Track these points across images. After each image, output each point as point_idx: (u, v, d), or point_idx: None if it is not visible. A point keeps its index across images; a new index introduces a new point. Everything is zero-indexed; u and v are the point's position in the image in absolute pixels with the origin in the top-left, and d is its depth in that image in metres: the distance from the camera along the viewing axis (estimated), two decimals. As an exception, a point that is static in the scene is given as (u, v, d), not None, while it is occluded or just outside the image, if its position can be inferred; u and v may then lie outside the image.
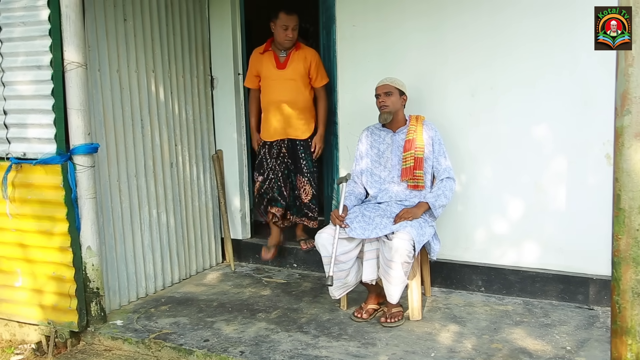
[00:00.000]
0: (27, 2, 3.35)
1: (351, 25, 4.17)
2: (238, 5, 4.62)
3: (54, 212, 3.43)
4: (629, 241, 2.35)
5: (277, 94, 4.22)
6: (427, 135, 3.59)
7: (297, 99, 4.19)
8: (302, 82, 4.19)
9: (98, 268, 3.48)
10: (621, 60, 2.30)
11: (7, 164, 3.49)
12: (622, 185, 2.34)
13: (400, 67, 3.98)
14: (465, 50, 3.82)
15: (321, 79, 4.22)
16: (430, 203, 3.47)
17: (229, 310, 3.79)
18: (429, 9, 3.88)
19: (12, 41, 3.42)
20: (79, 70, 3.30)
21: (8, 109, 3.48)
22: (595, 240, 3.57)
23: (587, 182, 3.60)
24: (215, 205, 4.75)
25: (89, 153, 3.38)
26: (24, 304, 3.66)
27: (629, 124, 2.30)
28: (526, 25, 3.63)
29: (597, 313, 3.54)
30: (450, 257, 4.01)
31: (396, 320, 3.44)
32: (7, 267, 3.67)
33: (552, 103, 3.63)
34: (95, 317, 3.52)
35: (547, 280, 3.73)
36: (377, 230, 3.34)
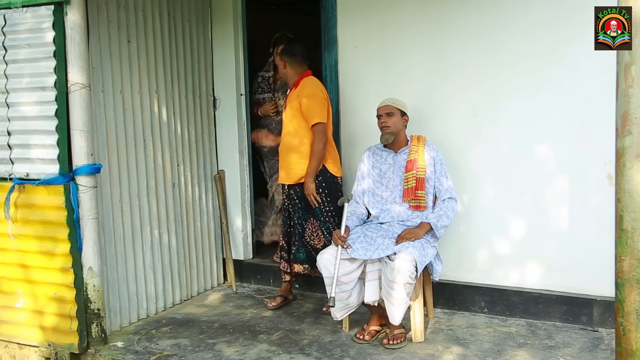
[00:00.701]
0: (33, 24, 3.38)
1: (353, 46, 4.20)
2: (240, 26, 4.67)
3: (56, 232, 3.43)
4: (632, 262, 2.34)
5: (282, 135, 4.08)
6: (428, 156, 3.60)
7: (292, 141, 3.96)
8: (295, 122, 3.93)
9: (99, 289, 3.47)
10: (621, 82, 2.31)
11: (10, 184, 3.50)
12: (624, 206, 2.34)
13: (401, 87, 4.00)
14: (466, 71, 3.84)
15: (310, 118, 3.85)
16: (432, 224, 3.47)
17: (230, 331, 3.77)
18: (429, 30, 3.92)
19: (17, 63, 3.44)
20: (83, 92, 3.32)
21: (12, 129, 3.50)
22: (599, 261, 3.55)
23: (589, 202, 3.59)
24: (217, 225, 4.74)
25: (92, 173, 3.39)
26: (24, 325, 3.64)
27: (630, 145, 2.30)
28: (527, 43, 3.66)
29: (602, 335, 3.51)
30: (453, 278, 3.99)
31: (399, 342, 3.41)
32: (8, 288, 3.65)
33: (553, 122, 3.64)
34: (96, 339, 3.50)
35: (551, 302, 3.71)
36: (379, 251, 3.33)
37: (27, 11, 3.39)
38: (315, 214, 3.94)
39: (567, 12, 3.53)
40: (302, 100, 3.87)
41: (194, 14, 4.49)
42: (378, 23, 4.08)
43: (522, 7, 3.65)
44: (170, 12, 4.24)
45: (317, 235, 3.96)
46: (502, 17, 3.71)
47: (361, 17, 4.13)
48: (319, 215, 3.93)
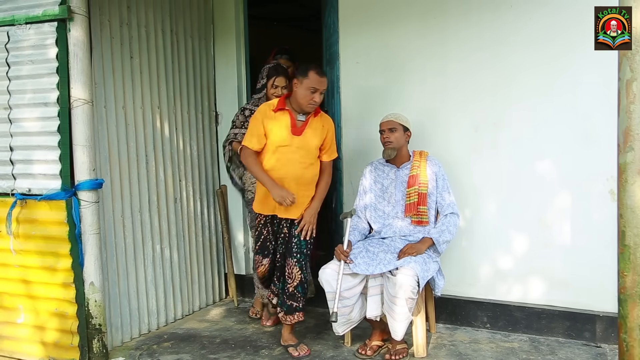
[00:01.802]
0: (36, 41, 3.40)
1: (355, 62, 4.21)
2: (243, 42, 4.69)
3: (58, 247, 3.43)
4: (635, 278, 2.33)
5: (286, 163, 3.52)
6: (430, 171, 3.60)
7: (306, 173, 3.58)
8: (314, 153, 3.60)
9: (101, 304, 3.46)
10: (623, 98, 2.32)
11: (12, 200, 3.50)
12: (626, 221, 2.33)
13: (403, 101, 4.02)
14: (467, 86, 3.86)
15: (331, 153, 3.68)
16: (434, 239, 3.46)
17: (232, 346, 3.75)
18: (431, 45, 3.94)
19: (20, 79, 3.46)
20: (85, 107, 3.34)
21: (14, 145, 3.51)
22: (601, 277, 3.54)
23: (592, 218, 3.58)
24: (219, 240, 4.74)
25: (94, 189, 3.39)
26: (25, 341, 3.62)
27: (632, 161, 2.31)
28: (528, 61, 3.67)
29: (605, 351, 3.48)
30: (455, 293, 3.98)
31: (401, 357, 3.39)
32: (10, 304, 3.64)
33: (555, 138, 3.64)
34: (97, 354, 3.48)
35: (553, 317, 3.69)
36: (381, 266, 3.32)
37: (30, 28, 3.41)
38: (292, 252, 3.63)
39: (567, 25, 3.55)
40: (329, 134, 3.63)
41: (196, 30, 4.52)
42: (380, 39, 4.10)
43: (523, 20, 3.67)
44: (173, 28, 4.27)
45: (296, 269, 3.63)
46: (502, 31, 3.73)
47: (363, 33, 4.15)
48: (303, 247, 3.63)
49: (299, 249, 3.58)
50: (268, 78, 4.17)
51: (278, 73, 4.15)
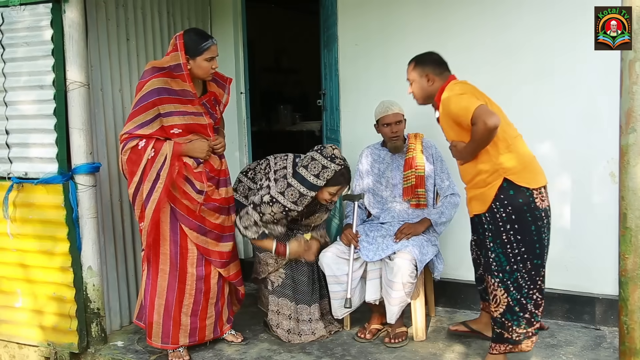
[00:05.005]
0: (31, 22, 3.36)
1: (354, 44, 4.17)
2: (240, 24, 4.65)
3: (55, 231, 3.41)
4: (636, 260, 2.33)
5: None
6: (427, 153, 3.58)
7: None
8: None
9: (99, 288, 3.45)
10: (625, 78, 2.30)
11: (9, 183, 3.48)
12: (628, 203, 2.32)
13: (402, 84, 3.96)
14: (465, 67, 3.81)
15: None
16: (432, 220, 3.45)
17: (230, 330, 3.75)
18: (432, 29, 3.89)
19: (15, 61, 3.42)
20: (81, 90, 3.30)
21: (10, 128, 3.48)
22: (601, 259, 3.53)
23: (592, 200, 3.57)
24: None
25: (91, 172, 3.37)
26: (24, 325, 3.62)
27: (634, 142, 2.29)
28: (530, 41, 3.64)
29: (604, 333, 3.49)
30: (454, 277, 3.97)
31: (400, 340, 3.39)
32: (8, 288, 3.64)
33: (556, 119, 3.62)
34: (96, 338, 3.49)
35: (553, 300, 3.69)
36: (380, 252, 3.32)
37: (25, 9, 3.37)
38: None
39: (570, 12, 3.51)
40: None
41: (193, 12, 4.47)
42: (379, 20, 4.05)
43: (526, 7, 3.64)
44: (170, 10, 4.22)
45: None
46: (504, 8, 3.70)
47: (362, 14, 4.11)
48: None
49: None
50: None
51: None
